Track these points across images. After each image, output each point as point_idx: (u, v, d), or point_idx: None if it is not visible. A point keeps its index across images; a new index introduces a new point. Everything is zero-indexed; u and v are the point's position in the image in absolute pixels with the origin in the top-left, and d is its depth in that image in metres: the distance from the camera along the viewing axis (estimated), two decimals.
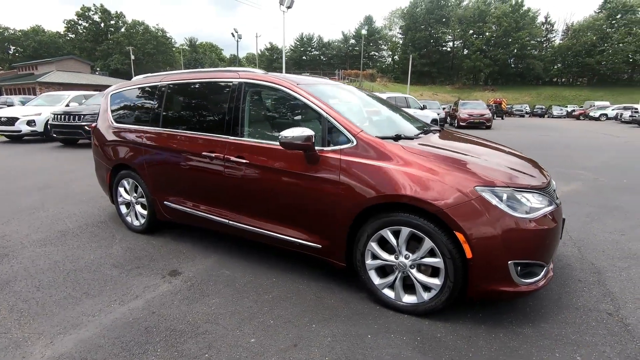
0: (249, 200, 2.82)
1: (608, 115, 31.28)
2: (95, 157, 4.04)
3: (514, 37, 63.19)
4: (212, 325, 2.24)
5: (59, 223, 4.03)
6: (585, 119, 34.50)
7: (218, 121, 3.00)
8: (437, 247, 2.12)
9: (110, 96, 3.93)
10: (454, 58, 72.41)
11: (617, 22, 60.50)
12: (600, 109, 34.04)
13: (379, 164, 2.26)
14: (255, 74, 2.93)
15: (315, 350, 2.01)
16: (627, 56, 58.97)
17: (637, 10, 59.11)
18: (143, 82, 3.67)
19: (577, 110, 39.13)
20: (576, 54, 62.52)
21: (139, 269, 2.97)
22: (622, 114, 25.99)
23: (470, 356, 1.94)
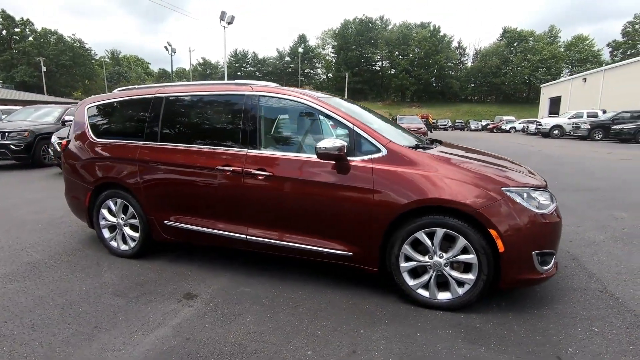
0: (272, 214, 2.77)
1: (516, 128, 35.92)
2: (69, 176, 3.61)
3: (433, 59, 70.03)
4: (260, 344, 2.16)
5: (22, 254, 3.50)
6: (497, 131, 39.17)
7: (231, 134, 2.93)
8: (470, 244, 2.33)
9: (87, 109, 3.57)
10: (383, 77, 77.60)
11: (515, 49, 70.49)
12: (509, 122, 38.98)
13: (413, 171, 2.43)
14: (271, 87, 2.93)
15: (376, 353, 2.06)
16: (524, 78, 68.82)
17: (529, 40, 69.52)
18: (130, 94, 3.42)
19: (490, 124, 44.30)
20: (485, 75, 71.20)
21: (146, 296, 2.72)
22: (528, 126, 30.07)
23: (513, 339, 2.15)
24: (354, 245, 2.59)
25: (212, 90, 3.09)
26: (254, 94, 2.90)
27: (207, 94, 3.10)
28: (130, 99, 3.39)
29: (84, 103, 3.66)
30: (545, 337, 2.18)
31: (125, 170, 3.22)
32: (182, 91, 3.18)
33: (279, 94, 2.88)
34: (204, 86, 3.15)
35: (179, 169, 3.01)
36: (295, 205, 2.69)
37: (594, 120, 21.79)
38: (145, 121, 3.23)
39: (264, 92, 2.89)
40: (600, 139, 20.27)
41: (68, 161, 3.60)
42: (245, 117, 2.87)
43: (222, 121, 3.07)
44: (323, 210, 2.62)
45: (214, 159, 2.89)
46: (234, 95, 2.98)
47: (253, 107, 2.87)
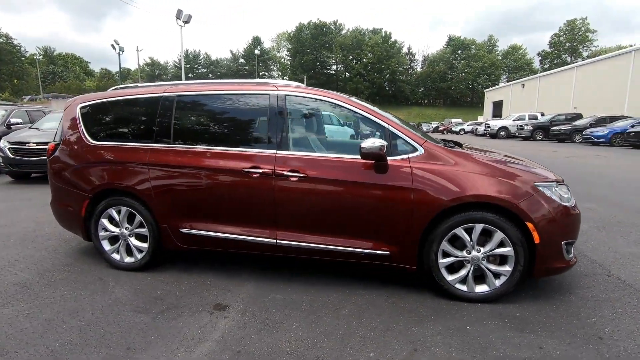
0: (305, 216, 2.70)
1: (465, 130, 38.34)
2: (58, 184, 3.23)
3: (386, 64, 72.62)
4: (318, 350, 2.09)
5: (5, 274, 3.07)
6: (448, 133, 41.56)
7: (257, 135, 2.81)
8: (508, 238, 2.44)
9: (80, 109, 3.23)
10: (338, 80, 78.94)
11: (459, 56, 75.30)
12: (458, 124, 41.52)
13: (451, 169, 2.49)
14: (296, 87, 2.86)
15: (437, 349, 2.08)
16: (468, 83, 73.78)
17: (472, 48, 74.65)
18: (131, 93, 3.15)
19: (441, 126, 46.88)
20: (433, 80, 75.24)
21: (172, 310, 2.52)
22: (477, 128, 32.24)
23: (554, 325, 2.29)
24: (392, 244, 2.60)
25: (232, 89, 2.94)
26: (280, 94, 2.81)
27: (227, 93, 2.94)
28: (133, 99, 3.12)
29: (74, 103, 3.29)
30: (580, 320, 2.35)
31: (132, 175, 2.95)
32: (197, 90, 2.99)
33: (306, 94, 2.81)
34: (221, 85, 2.99)
35: (198, 172, 2.82)
36: (330, 206, 2.64)
37: (535, 122, 23.92)
38: (155, 122, 2.99)
39: (290, 91, 2.82)
40: (541, 139, 22.31)
41: (57, 167, 3.22)
42: (272, 117, 2.77)
43: (245, 121, 2.94)
44: (360, 211, 2.60)
45: (240, 161, 2.75)
46: (257, 95, 2.86)
47: (279, 106, 2.77)
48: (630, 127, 16.22)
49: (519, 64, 72.65)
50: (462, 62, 73.52)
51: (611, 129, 17.20)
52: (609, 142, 16.96)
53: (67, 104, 3.33)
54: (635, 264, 3.19)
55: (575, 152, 14.48)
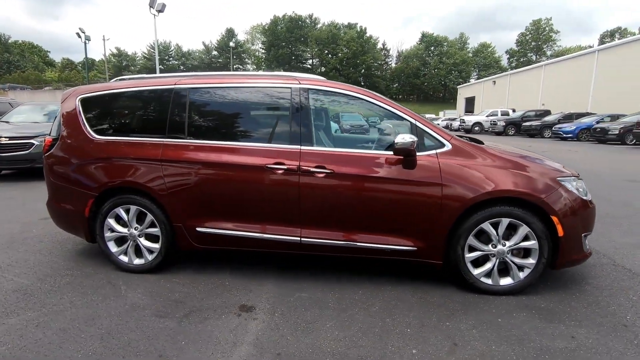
0: (331, 213, 2.65)
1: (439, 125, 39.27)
2: (57, 182, 3.00)
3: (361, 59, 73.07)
4: (360, 349, 2.06)
5: (2, 281, 2.82)
6: None
7: (280, 130, 2.72)
8: (533, 231, 2.50)
9: (80, 102, 3.00)
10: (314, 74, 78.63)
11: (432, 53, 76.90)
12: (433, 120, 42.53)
13: (479, 165, 2.52)
14: (319, 80, 2.79)
15: (476, 343, 2.10)
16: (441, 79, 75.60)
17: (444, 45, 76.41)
18: (139, 84, 2.96)
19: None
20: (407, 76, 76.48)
21: (196, 313, 2.41)
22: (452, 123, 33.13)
23: (578, 314, 2.37)
24: (419, 239, 2.61)
25: (250, 82, 2.82)
26: (303, 87, 2.73)
27: (245, 86, 2.82)
28: (141, 91, 2.94)
29: (73, 94, 3.05)
30: (601, 309, 2.45)
31: (143, 172, 2.78)
32: (212, 82, 2.85)
33: (328, 87, 2.75)
34: (239, 78, 2.87)
35: (217, 169, 2.70)
36: (357, 203, 2.61)
37: (507, 118, 24.88)
38: (167, 116, 2.83)
39: (313, 85, 2.74)
40: (513, 134, 23.24)
41: (55, 164, 2.98)
42: (294, 111, 2.69)
43: (266, 116, 2.83)
44: (388, 207, 2.58)
45: (263, 157, 2.65)
46: (278, 88, 2.77)
47: (302, 101, 2.69)
48: (595, 124, 17.20)
49: (488, 62, 75.20)
50: (434, 58, 75.17)
51: (578, 125, 18.17)
52: (576, 137, 17.93)
53: (64, 96, 3.08)
54: (635, 253, 3.37)
55: (548, 146, 15.18)
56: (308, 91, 2.72)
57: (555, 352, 2.01)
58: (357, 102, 2.76)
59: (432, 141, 2.61)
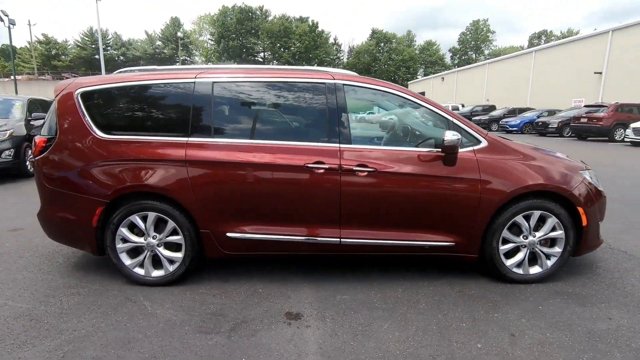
0: (373, 212, 2.59)
1: None
2: (56, 189, 2.60)
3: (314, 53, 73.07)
4: (428, 348, 2.05)
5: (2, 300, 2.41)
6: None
7: (316, 127, 2.61)
8: (560, 222, 2.66)
9: (81, 95, 2.62)
10: None
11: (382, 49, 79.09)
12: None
13: (514, 160, 2.61)
14: (354, 76, 2.72)
15: (530, 332, 2.19)
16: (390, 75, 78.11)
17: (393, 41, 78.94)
18: (149, 78, 2.65)
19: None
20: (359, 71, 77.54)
21: (243, 326, 2.24)
22: None
23: (603, 296, 2.57)
24: (457, 234, 2.65)
25: (282, 76, 2.66)
26: (337, 83, 2.63)
27: (277, 81, 2.65)
28: (156, 83, 2.64)
29: (69, 88, 2.65)
30: (619, 289, 2.68)
31: (164, 174, 2.52)
32: (239, 76, 2.64)
33: (363, 83, 2.68)
34: (269, 72, 2.69)
35: (251, 169, 2.52)
36: (398, 201, 2.58)
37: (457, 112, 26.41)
38: (189, 112, 2.58)
39: (347, 80, 2.66)
40: None
41: (51, 168, 2.59)
42: (331, 108, 2.59)
43: (301, 113, 2.69)
44: (428, 204, 2.59)
45: (301, 156, 2.52)
46: (312, 84, 2.64)
47: (338, 97, 2.60)
48: (537, 118, 18.87)
49: (434, 59, 79.02)
50: (384, 54, 77.40)
51: (522, 119, 19.82)
52: (521, 131, 19.55)
53: (58, 89, 2.68)
54: (623, 237, 3.74)
55: None
56: (343, 87, 2.63)
57: (602, 334, 2.16)
58: (391, 97, 2.73)
59: (469, 138, 2.65)
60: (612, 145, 13.45)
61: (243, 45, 74.15)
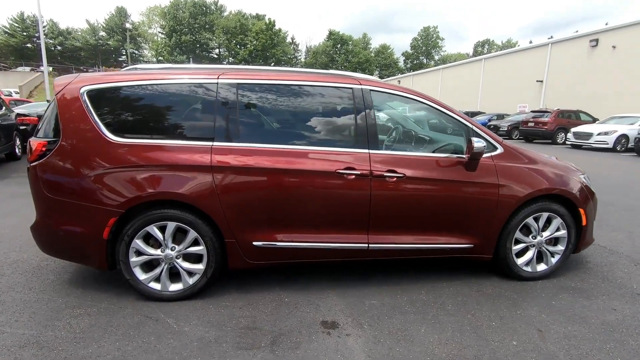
0: (400, 217, 2.63)
1: None
2: (59, 198, 2.31)
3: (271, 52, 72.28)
4: (470, 349, 2.13)
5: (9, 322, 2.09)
6: None
7: (345, 133, 2.58)
8: (564, 222, 2.88)
9: (87, 94, 2.36)
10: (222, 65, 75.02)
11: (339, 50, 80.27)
12: None
13: (526, 165, 2.78)
14: (379, 82, 2.73)
15: (554, 326, 2.35)
16: None
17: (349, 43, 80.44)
18: (169, 76, 2.46)
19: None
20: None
21: (283, 338, 2.17)
22: None
23: (601, 289, 2.83)
24: (477, 236, 2.77)
25: (309, 80, 2.59)
26: (364, 88, 2.63)
27: (304, 84, 2.58)
28: (173, 83, 2.45)
29: (73, 85, 2.37)
30: (612, 282, 2.96)
31: (188, 181, 2.35)
32: (263, 78, 2.54)
33: (389, 90, 2.70)
34: (295, 75, 2.62)
35: (281, 175, 2.43)
36: (424, 205, 2.65)
37: None
38: (213, 114, 2.43)
39: (374, 86, 2.66)
40: None
41: (55, 174, 2.31)
42: (358, 113, 2.58)
43: (329, 118, 2.64)
44: (453, 208, 2.68)
45: (331, 162, 2.48)
46: (340, 88, 2.61)
47: (366, 102, 2.60)
48: (488, 121, 20.25)
49: (388, 62, 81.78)
50: (342, 56, 78.63)
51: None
52: None
53: (59, 86, 2.39)
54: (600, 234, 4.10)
55: None
56: (370, 93, 2.63)
57: (613, 324, 2.37)
58: (415, 104, 2.78)
59: (487, 145, 2.78)
60: (555, 148, 14.84)
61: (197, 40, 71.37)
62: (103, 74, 2.48)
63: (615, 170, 9.17)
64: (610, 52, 18.57)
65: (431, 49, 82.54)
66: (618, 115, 14.58)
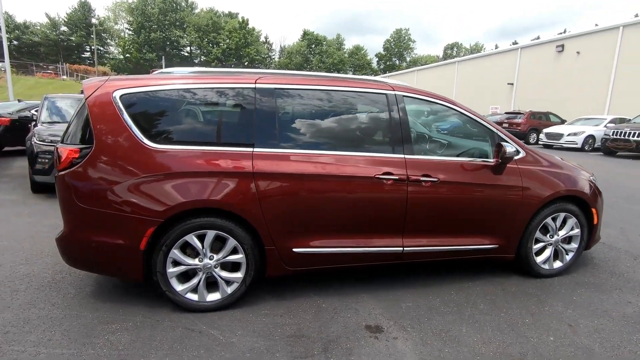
0: (432, 220, 2.70)
1: None
2: (94, 208, 2.19)
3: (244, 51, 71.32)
4: (512, 346, 2.22)
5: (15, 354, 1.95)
6: None
7: (381, 138, 2.62)
8: (578, 222, 3.06)
9: (122, 99, 2.25)
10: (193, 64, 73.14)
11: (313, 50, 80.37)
12: None
13: (546, 169, 2.93)
14: (410, 88, 2.78)
15: (581, 321, 2.49)
16: None
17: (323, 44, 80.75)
18: (205, 80, 2.40)
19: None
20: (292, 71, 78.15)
21: (333, 345, 2.18)
22: None
23: (613, 282, 3.02)
24: (501, 237, 2.89)
25: (345, 85, 2.61)
26: (398, 94, 2.68)
27: (341, 90, 2.59)
28: (211, 87, 2.39)
29: (104, 89, 2.26)
30: (619, 276, 3.17)
31: (229, 188, 2.30)
32: (299, 83, 2.53)
33: (420, 95, 2.77)
34: (331, 80, 2.63)
35: (322, 180, 2.43)
36: (456, 208, 2.73)
37: None
38: (252, 120, 2.39)
39: (406, 92, 2.72)
40: None
41: (89, 183, 2.19)
42: (392, 119, 2.63)
43: (366, 123, 2.67)
44: (482, 210, 2.78)
45: (369, 167, 2.51)
46: (374, 94, 2.65)
47: (400, 108, 2.65)
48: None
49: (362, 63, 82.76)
50: (316, 56, 78.80)
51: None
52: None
53: (89, 89, 2.26)
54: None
55: None
56: (403, 98, 2.68)
57: (634, 317, 2.55)
58: (445, 110, 2.86)
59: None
60: None
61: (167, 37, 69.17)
62: (134, 78, 2.38)
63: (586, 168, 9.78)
64: (575, 58, 19.78)
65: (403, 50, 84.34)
66: (584, 117, 15.56)
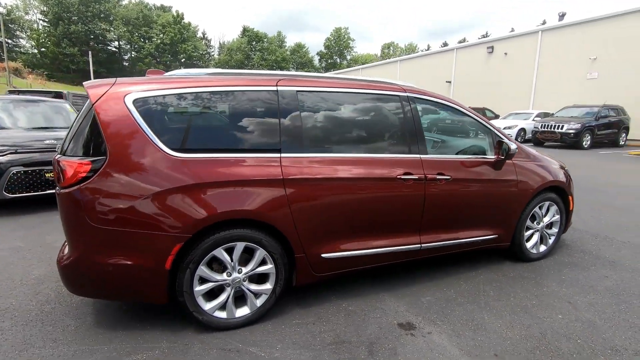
0: (445, 216, 2.83)
1: None
2: (110, 227, 1.94)
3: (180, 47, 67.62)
4: (531, 328, 2.42)
5: None
6: None
7: (398, 139, 2.67)
8: (559, 209, 3.42)
9: (136, 104, 2.01)
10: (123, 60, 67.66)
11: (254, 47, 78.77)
12: None
13: (535, 163, 3.23)
14: (419, 90, 2.87)
15: (577, 297, 2.79)
16: None
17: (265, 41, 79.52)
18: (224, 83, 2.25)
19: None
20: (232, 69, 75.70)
21: (376, 347, 2.20)
22: None
23: (589, 261, 3.43)
24: (500, 227, 3.13)
25: (363, 87, 2.61)
26: (410, 96, 2.76)
27: (359, 92, 2.59)
28: (231, 90, 2.25)
29: (114, 92, 2.00)
30: (592, 254, 3.60)
31: (258, 196, 2.19)
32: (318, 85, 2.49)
33: (429, 97, 2.87)
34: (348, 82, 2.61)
35: (350, 183, 2.42)
36: (466, 204, 2.89)
37: None
38: (277, 124, 2.30)
39: (416, 94, 2.81)
40: None
41: (105, 199, 1.94)
42: (407, 120, 2.70)
43: (380, 124, 2.70)
44: (487, 203, 2.99)
45: (389, 168, 2.56)
46: (388, 96, 2.70)
47: (413, 109, 2.74)
48: None
49: (304, 61, 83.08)
50: (257, 54, 77.34)
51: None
52: None
53: (97, 93, 1.99)
54: None
55: None
56: (415, 100, 2.77)
57: (614, 289, 2.92)
58: (451, 112, 3.00)
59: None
60: None
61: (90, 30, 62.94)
62: (146, 79, 2.15)
63: None
64: (503, 58, 21.87)
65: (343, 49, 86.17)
66: (515, 112, 17.29)
